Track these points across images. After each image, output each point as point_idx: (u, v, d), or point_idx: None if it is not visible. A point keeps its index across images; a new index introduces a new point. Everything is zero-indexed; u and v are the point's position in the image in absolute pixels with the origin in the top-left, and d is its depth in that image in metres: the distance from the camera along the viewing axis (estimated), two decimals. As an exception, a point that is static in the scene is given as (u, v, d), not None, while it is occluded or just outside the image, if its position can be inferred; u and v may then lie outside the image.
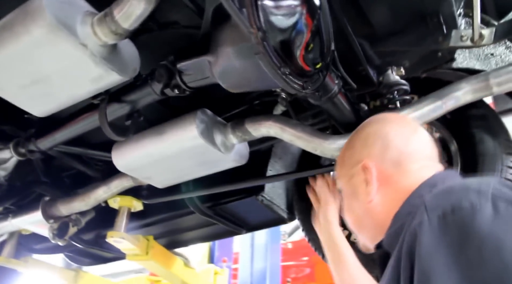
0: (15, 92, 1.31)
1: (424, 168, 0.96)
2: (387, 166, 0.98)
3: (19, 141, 1.75)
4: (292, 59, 1.04)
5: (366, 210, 1.00)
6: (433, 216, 0.70)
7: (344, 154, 1.10)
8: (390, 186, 0.97)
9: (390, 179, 0.97)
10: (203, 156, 1.51)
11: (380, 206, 0.97)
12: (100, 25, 1.12)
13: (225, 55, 1.08)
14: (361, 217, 1.03)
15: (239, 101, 1.74)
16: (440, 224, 0.68)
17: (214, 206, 2.03)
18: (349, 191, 1.06)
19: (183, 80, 1.26)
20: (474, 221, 0.65)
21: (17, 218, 2.11)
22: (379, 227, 0.97)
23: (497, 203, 0.66)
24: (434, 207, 0.72)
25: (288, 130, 1.41)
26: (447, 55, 1.57)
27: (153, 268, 2.26)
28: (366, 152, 1.01)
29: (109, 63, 1.19)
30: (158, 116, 1.61)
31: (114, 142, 1.83)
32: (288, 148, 2.07)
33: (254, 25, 0.94)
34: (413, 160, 0.98)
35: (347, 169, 1.06)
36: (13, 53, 1.16)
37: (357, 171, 1.01)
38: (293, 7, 1.02)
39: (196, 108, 1.51)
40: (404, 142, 0.99)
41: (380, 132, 1.02)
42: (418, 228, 0.71)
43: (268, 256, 3.98)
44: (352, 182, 1.03)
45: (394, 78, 1.54)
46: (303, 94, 1.11)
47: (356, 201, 1.02)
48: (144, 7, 1.05)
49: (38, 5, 1.07)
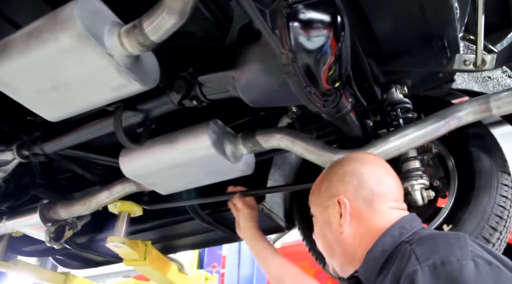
0: (32, 96, 1.32)
1: (392, 209, 1.12)
2: (360, 203, 1.11)
3: (24, 143, 1.74)
4: (317, 79, 1.09)
5: (338, 239, 1.13)
6: (424, 266, 0.84)
7: (321, 185, 1.22)
8: (362, 221, 1.11)
9: (361, 215, 1.11)
10: (212, 165, 1.55)
11: (351, 238, 1.11)
12: (127, 36, 1.14)
13: (252, 71, 1.12)
14: (332, 244, 1.16)
15: (244, 111, 1.78)
16: (432, 274, 0.82)
17: (214, 213, 2.06)
18: (323, 219, 1.18)
19: (203, 93, 1.29)
20: (461, 275, 0.80)
21: (12, 220, 2.08)
22: (348, 256, 1.12)
23: (477, 261, 0.82)
24: (424, 258, 0.86)
25: (299, 143, 1.46)
26: (448, 76, 1.66)
27: (150, 273, 2.26)
28: (342, 188, 1.14)
29: (132, 73, 1.21)
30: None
31: (115, 147, 1.86)
32: (286, 158, 2.12)
33: (286, 46, 0.98)
34: (383, 201, 1.11)
35: (322, 199, 1.19)
36: (38, 59, 1.17)
37: (332, 203, 1.14)
38: (321, 30, 1.07)
39: (205, 117, 1.55)
40: (377, 183, 1.12)
41: (356, 171, 1.15)
42: (414, 276, 0.83)
43: (255, 261, 4.01)
44: (327, 212, 1.16)
45: (397, 96, 1.62)
46: (324, 112, 1.16)
47: (329, 230, 1.16)
48: (175, 21, 1.07)
49: (69, 14, 1.08)
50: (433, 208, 1.68)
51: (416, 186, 1.48)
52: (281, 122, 1.68)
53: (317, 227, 1.22)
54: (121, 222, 1.99)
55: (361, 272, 1.09)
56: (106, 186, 1.90)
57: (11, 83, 1.27)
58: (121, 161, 1.64)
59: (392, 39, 1.53)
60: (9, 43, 1.20)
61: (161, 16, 1.07)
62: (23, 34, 1.18)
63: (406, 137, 1.43)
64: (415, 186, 1.48)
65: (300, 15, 1.04)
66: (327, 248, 1.19)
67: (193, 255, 4.03)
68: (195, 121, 1.56)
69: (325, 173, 1.24)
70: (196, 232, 2.34)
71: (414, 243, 0.93)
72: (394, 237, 1.03)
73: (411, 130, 1.44)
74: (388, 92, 1.62)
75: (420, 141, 1.44)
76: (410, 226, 1.06)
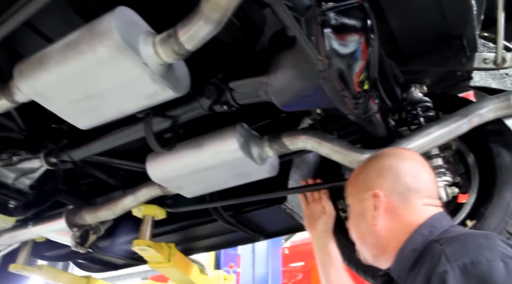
0: (66, 106, 1.35)
1: (426, 206, 1.14)
2: (395, 198, 1.14)
3: (52, 151, 1.77)
4: (349, 83, 1.12)
5: (371, 231, 1.17)
6: (454, 266, 0.87)
7: (359, 177, 1.25)
8: (395, 216, 1.14)
9: (396, 210, 1.14)
10: (239, 167, 1.58)
11: (384, 231, 1.15)
12: (162, 45, 1.17)
13: (286, 76, 1.15)
14: (365, 235, 1.20)
15: (265, 114, 1.82)
16: (462, 275, 0.85)
17: (236, 214, 2.10)
18: (358, 210, 1.22)
19: (234, 98, 1.33)
20: (491, 275, 0.83)
21: (38, 225, 2.12)
22: (380, 248, 1.16)
23: (506, 261, 0.85)
24: (454, 258, 0.89)
25: (325, 144, 1.49)
26: (465, 74, 1.69)
27: (173, 275, 2.30)
28: (379, 182, 1.17)
29: (166, 81, 1.24)
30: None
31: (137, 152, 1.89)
32: (304, 157, 2.15)
33: (322, 52, 1.02)
34: (418, 197, 1.14)
35: (358, 190, 1.23)
36: (75, 70, 1.20)
37: (368, 196, 1.17)
38: (353, 35, 1.10)
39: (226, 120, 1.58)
40: (413, 179, 1.15)
41: (394, 167, 1.18)
42: (445, 276, 0.86)
43: (269, 260, 4.05)
44: (362, 204, 1.20)
45: (417, 95, 1.64)
46: (354, 114, 1.19)
47: (363, 221, 1.19)
48: (210, 29, 1.10)
49: (108, 26, 1.11)
50: (454, 204, 1.71)
51: (440, 183, 1.51)
52: (302, 123, 1.72)
53: (352, 217, 1.25)
54: (145, 225, 2.02)
55: (393, 270, 1.14)
56: (130, 190, 1.93)
57: (47, 94, 1.30)
58: (148, 165, 1.67)
59: (411, 39, 1.56)
60: (45, 56, 1.23)
61: (197, 25, 1.09)
62: (59, 46, 1.21)
63: (430, 136, 1.47)
64: (439, 182, 1.51)
65: (333, 22, 1.07)
66: (360, 238, 1.23)
67: (210, 255, 4.07)
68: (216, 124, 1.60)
69: (363, 165, 1.27)
70: (216, 234, 2.38)
71: (444, 243, 0.95)
72: (424, 236, 1.06)
73: (435, 129, 1.47)
74: (407, 92, 1.65)
75: (443, 139, 1.48)
76: (440, 224, 1.09)
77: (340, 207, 1.86)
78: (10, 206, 1.94)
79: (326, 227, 1.69)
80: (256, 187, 1.91)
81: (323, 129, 1.70)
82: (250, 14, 1.39)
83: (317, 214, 1.73)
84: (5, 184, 1.90)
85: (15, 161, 1.87)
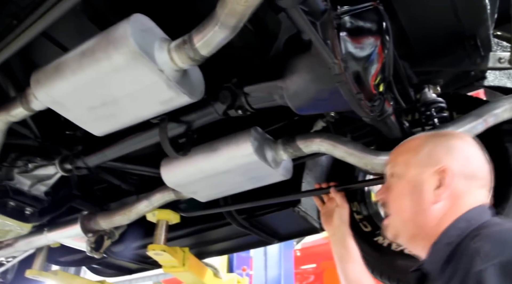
0: (82, 113, 1.36)
1: (480, 195, 1.08)
2: (461, 182, 1.06)
3: (66, 157, 1.78)
4: (365, 86, 1.12)
5: (424, 209, 1.07)
6: (491, 265, 0.82)
7: (420, 149, 1.14)
8: (456, 201, 1.06)
9: (458, 195, 1.06)
10: (254, 171, 1.58)
11: (439, 213, 1.05)
12: (178, 51, 1.18)
13: (302, 80, 1.15)
14: (413, 210, 1.10)
15: (278, 117, 1.82)
16: (500, 273, 0.81)
17: (250, 218, 2.10)
18: (411, 183, 1.11)
19: (248, 102, 1.33)
20: None
21: (53, 231, 2.13)
22: (424, 230, 1.06)
23: None
24: (491, 257, 0.84)
25: (340, 147, 1.49)
26: (479, 73, 1.68)
27: (188, 279, 2.31)
28: (449, 159, 1.08)
29: (181, 87, 1.25)
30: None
31: (150, 157, 1.90)
32: (316, 160, 2.15)
33: (338, 56, 1.02)
34: (479, 186, 1.09)
35: (419, 162, 1.12)
36: (91, 78, 1.21)
37: (434, 171, 1.08)
38: (369, 38, 1.10)
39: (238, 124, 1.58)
40: (479, 167, 1.10)
41: (465, 150, 1.11)
42: (482, 275, 0.82)
43: (281, 262, 4.04)
44: (421, 177, 1.10)
45: (431, 96, 1.63)
46: (371, 117, 1.19)
47: (418, 196, 1.09)
48: (225, 35, 1.11)
49: (123, 33, 1.12)
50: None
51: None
52: (315, 126, 1.71)
53: (397, 187, 1.15)
54: (160, 230, 2.03)
55: (427, 263, 1.06)
56: (144, 195, 1.94)
57: (63, 102, 1.32)
58: (163, 170, 1.68)
59: (424, 40, 1.55)
60: (62, 64, 1.24)
61: (213, 31, 1.10)
62: (76, 54, 1.22)
63: (445, 137, 1.46)
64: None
65: (349, 25, 1.08)
66: (404, 212, 1.12)
67: (223, 258, 4.07)
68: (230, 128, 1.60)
69: (426, 138, 1.17)
70: (230, 237, 2.38)
71: (481, 240, 0.91)
72: (460, 230, 1.00)
73: (451, 130, 1.46)
74: (421, 93, 1.64)
75: (458, 140, 1.47)
76: (479, 217, 1.02)
77: (354, 209, 1.86)
78: (26, 213, 1.96)
79: (341, 220, 1.61)
80: (269, 190, 1.92)
81: (336, 132, 1.70)
82: (264, 19, 1.39)
83: (331, 210, 1.67)
84: (21, 191, 1.92)
85: (30, 168, 1.89)
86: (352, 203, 1.85)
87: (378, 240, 1.78)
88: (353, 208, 1.85)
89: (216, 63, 1.53)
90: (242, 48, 1.50)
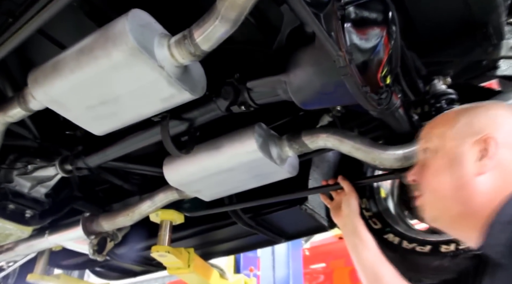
0: (81, 113, 1.32)
1: None
2: (505, 151, 0.95)
3: (66, 158, 1.75)
4: (372, 78, 1.08)
5: (467, 182, 0.96)
6: None
7: (457, 119, 1.04)
8: (502, 172, 0.94)
9: (503, 164, 0.94)
10: (259, 169, 1.54)
11: (485, 186, 0.93)
12: (178, 47, 1.14)
13: (306, 74, 1.11)
14: (449, 186, 0.99)
15: (283, 113, 1.77)
16: None
17: (256, 216, 2.06)
18: (450, 156, 1.01)
19: (252, 98, 1.29)
20: None
21: (54, 234, 2.10)
22: (469, 207, 0.94)
23: None
24: None
25: (347, 142, 1.44)
26: (491, 63, 1.62)
27: (193, 281, 2.27)
28: (493, 127, 0.98)
29: (182, 83, 1.21)
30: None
31: (152, 156, 1.86)
32: (323, 156, 2.11)
33: (342, 48, 0.97)
34: None
35: (457, 133, 1.02)
36: (89, 76, 1.18)
37: (474, 140, 0.97)
38: (374, 29, 1.06)
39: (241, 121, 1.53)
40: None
41: (509, 119, 1.00)
42: None
43: (290, 262, 3.99)
44: (460, 149, 0.99)
45: (441, 88, 1.58)
46: (378, 110, 1.15)
47: (458, 168, 0.98)
48: (226, 29, 1.06)
49: (121, 29, 1.08)
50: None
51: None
52: (321, 121, 1.67)
53: (435, 163, 1.03)
54: (163, 230, 1.99)
55: (486, 248, 0.91)
56: (147, 196, 1.90)
57: (62, 101, 1.28)
58: (165, 169, 1.64)
59: (433, 29, 1.51)
60: (59, 62, 1.21)
61: (213, 25, 1.06)
62: (73, 52, 1.18)
63: (456, 129, 1.41)
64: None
65: (353, 16, 1.04)
66: (443, 190, 1.00)
67: (229, 259, 4.02)
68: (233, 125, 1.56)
69: (461, 111, 1.07)
70: (235, 237, 2.34)
71: None
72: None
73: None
74: (431, 84, 1.59)
75: (470, 132, 1.42)
76: None
77: (363, 206, 1.82)
78: (26, 215, 1.93)
79: (349, 208, 1.54)
80: (275, 188, 1.87)
81: (343, 127, 1.65)
82: (266, 12, 1.35)
83: (340, 202, 1.61)
84: (21, 193, 1.88)
85: (30, 170, 1.86)
86: (361, 200, 1.80)
87: (388, 238, 1.74)
88: (362, 205, 1.80)
89: (218, 58, 1.50)
90: (244, 43, 1.46)
